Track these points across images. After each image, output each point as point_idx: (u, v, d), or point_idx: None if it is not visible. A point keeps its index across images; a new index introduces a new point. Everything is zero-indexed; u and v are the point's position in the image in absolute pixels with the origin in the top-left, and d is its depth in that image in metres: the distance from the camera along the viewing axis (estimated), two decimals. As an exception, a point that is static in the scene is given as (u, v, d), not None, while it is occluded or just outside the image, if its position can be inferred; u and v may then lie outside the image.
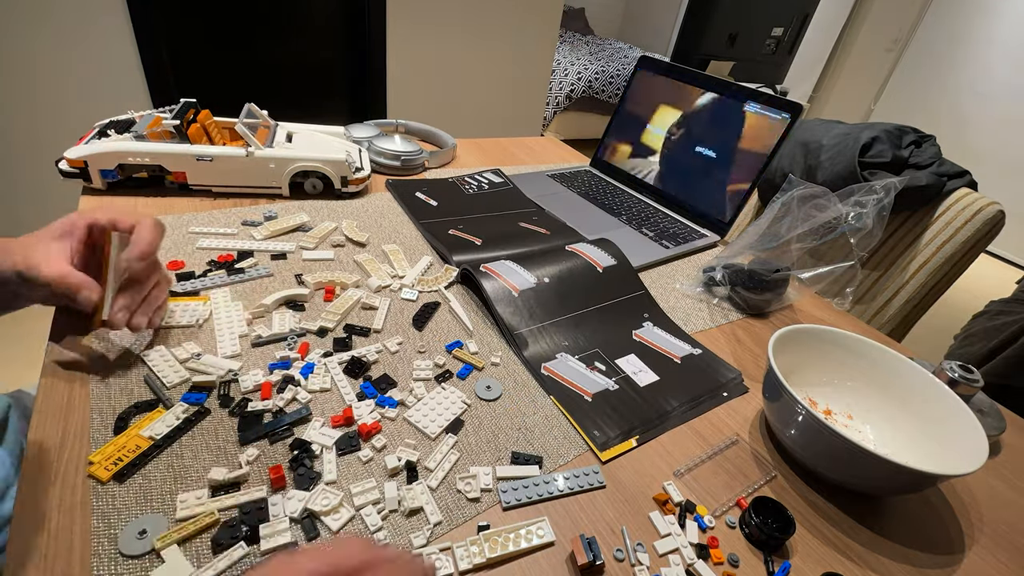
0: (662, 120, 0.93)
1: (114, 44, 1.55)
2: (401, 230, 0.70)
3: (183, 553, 0.32)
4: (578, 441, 0.44)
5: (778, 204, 0.66)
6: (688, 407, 0.50)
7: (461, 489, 0.38)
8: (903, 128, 0.95)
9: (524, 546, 0.35)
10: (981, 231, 0.86)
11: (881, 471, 0.39)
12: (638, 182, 0.96)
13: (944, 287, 0.91)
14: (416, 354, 0.50)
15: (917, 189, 0.87)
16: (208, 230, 0.62)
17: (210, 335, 0.47)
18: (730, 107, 0.84)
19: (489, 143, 1.09)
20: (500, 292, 0.56)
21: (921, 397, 0.48)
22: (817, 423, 0.41)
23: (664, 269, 0.74)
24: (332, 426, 0.41)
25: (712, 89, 0.87)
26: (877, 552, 0.40)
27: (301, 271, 0.58)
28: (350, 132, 0.87)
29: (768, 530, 0.38)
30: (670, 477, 0.43)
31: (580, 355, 0.54)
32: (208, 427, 0.40)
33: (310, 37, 1.95)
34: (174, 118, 0.65)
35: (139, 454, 0.36)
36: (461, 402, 0.46)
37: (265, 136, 0.71)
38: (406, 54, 2.00)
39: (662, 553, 0.37)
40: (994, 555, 0.41)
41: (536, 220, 0.77)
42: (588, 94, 3.20)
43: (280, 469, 0.36)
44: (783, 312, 0.69)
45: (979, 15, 3.23)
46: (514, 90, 2.32)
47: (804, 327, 0.51)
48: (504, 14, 2.11)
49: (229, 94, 1.84)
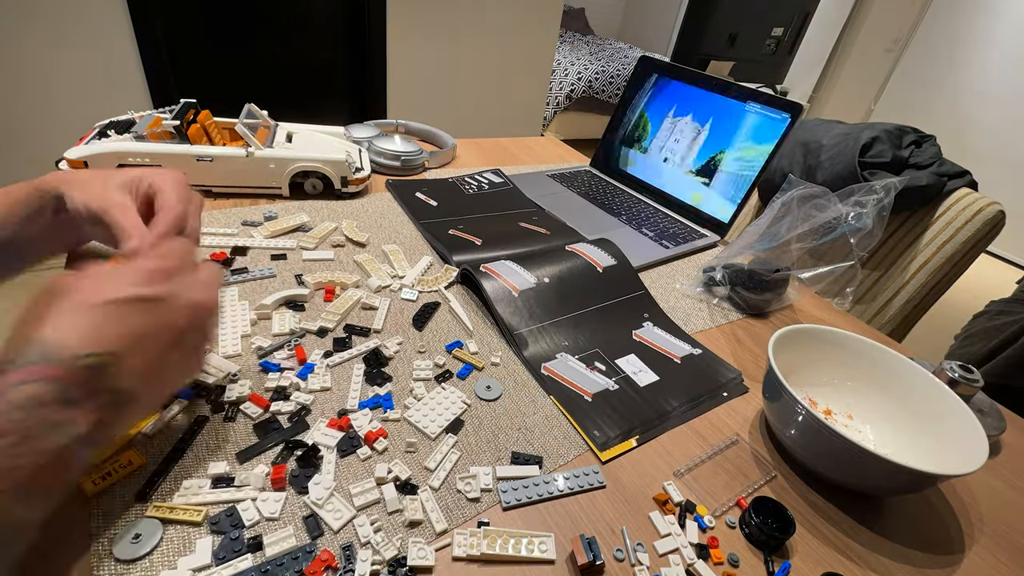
0: (662, 120, 0.93)
1: (114, 44, 1.56)
2: (401, 230, 0.70)
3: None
4: (578, 441, 0.44)
5: (778, 204, 0.66)
6: (688, 407, 0.50)
7: (461, 489, 0.38)
8: (903, 128, 0.95)
9: (523, 554, 0.35)
10: (981, 231, 0.86)
11: (881, 471, 0.39)
12: (638, 182, 0.96)
13: (944, 287, 0.91)
14: (416, 354, 0.50)
15: (917, 189, 0.87)
16: (208, 230, 0.62)
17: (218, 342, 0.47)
18: (730, 107, 0.84)
19: (489, 143, 1.09)
20: (500, 292, 0.56)
21: (921, 397, 0.48)
22: (817, 423, 0.41)
23: (664, 269, 0.74)
24: (328, 427, 0.41)
25: (712, 89, 0.87)
26: (877, 552, 0.40)
27: (301, 271, 0.58)
28: (350, 132, 0.87)
29: (768, 530, 0.38)
30: (670, 477, 0.43)
31: (580, 355, 0.54)
32: (207, 439, 0.39)
33: (310, 37, 1.95)
34: (174, 118, 0.65)
35: (132, 470, 0.35)
36: (461, 402, 0.46)
37: (265, 136, 0.71)
38: (406, 54, 2.00)
39: (662, 553, 0.37)
40: (994, 555, 0.41)
41: (536, 220, 0.77)
42: (588, 94, 3.20)
43: (282, 470, 0.36)
44: (783, 312, 0.69)
45: (979, 15, 3.23)
46: (514, 90, 2.33)
47: (804, 327, 0.51)
48: (504, 14, 2.11)
49: (229, 94, 1.84)
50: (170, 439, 0.38)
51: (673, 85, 0.92)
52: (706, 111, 0.87)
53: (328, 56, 2.01)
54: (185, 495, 0.35)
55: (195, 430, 0.39)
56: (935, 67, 3.48)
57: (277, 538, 0.33)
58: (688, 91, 0.90)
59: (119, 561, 0.30)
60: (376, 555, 0.33)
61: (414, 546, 0.34)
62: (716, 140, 0.86)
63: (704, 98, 0.88)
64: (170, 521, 0.33)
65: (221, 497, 0.35)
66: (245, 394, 0.42)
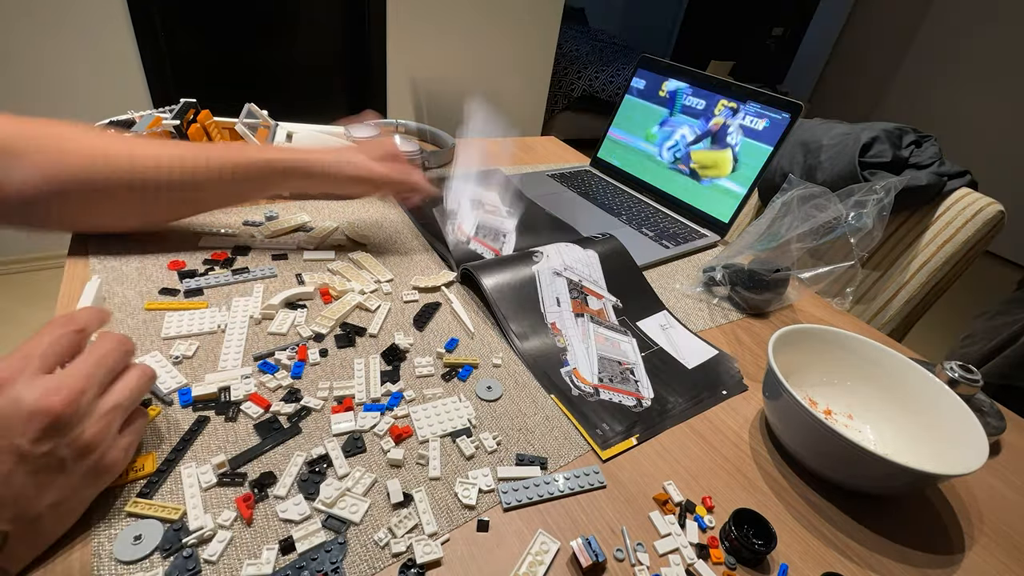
0: (662, 120, 0.94)
1: (114, 44, 1.56)
2: (401, 230, 0.70)
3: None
4: (579, 442, 0.44)
5: (778, 204, 0.66)
6: (689, 404, 0.50)
7: (459, 492, 0.38)
8: (903, 128, 0.95)
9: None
10: (981, 231, 0.86)
11: (881, 471, 0.39)
12: (638, 182, 0.96)
13: (944, 287, 0.91)
14: (417, 354, 0.50)
15: (917, 189, 0.87)
16: (209, 230, 0.62)
17: (216, 342, 0.48)
18: (730, 107, 0.84)
19: (489, 143, 1.08)
20: (502, 291, 0.56)
21: (921, 397, 0.48)
22: (817, 423, 0.41)
23: (664, 269, 0.74)
24: (332, 412, 0.42)
25: (712, 89, 0.87)
26: (877, 552, 0.40)
27: (301, 271, 0.58)
28: (349, 132, 0.87)
29: (747, 543, 0.37)
30: (670, 477, 0.43)
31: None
32: (208, 439, 0.40)
33: (310, 37, 1.95)
34: (174, 118, 0.65)
35: (145, 474, 0.35)
36: (467, 419, 0.44)
37: (265, 136, 0.71)
38: (406, 54, 2.00)
39: (662, 553, 0.37)
40: (994, 555, 0.41)
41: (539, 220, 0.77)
42: (588, 94, 3.20)
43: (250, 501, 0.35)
44: (783, 312, 0.69)
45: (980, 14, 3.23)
46: (514, 90, 2.33)
47: (804, 327, 0.51)
48: (504, 14, 2.11)
49: (229, 94, 1.85)
50: (171, 439, 0.38)
51: (673, 85, 0.93)
52: (706, 111, 0.87)
53: (328, 56, 2.01)
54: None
55: (196, 430, 0.39)
56: (935, 67, 3.48)
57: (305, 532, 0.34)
58: (688, 91, 0.90)
59: (120, 562, 0.31)
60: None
61: (418, 544, 0.34)
62: (716, 140, 0.86)
63: (704, 98, 0.88)
64: (145, 517, 0.33)
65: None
66: (248, 392, 0.42)
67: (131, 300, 0.50)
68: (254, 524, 0.34)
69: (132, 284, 0.52)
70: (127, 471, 0.35)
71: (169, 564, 0.31)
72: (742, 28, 3.79)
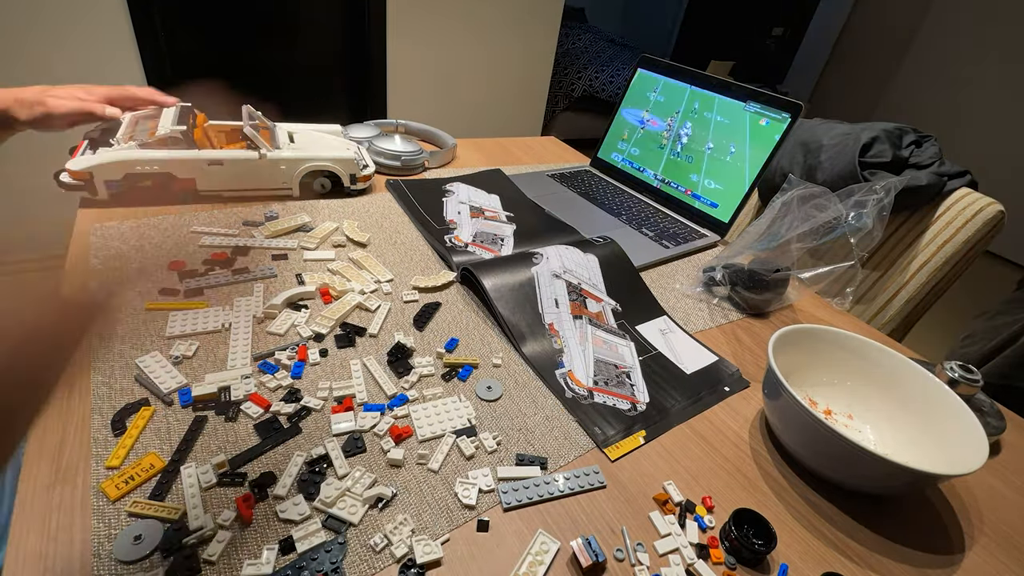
0: (662, 120, 0.93)
1: (114, 44, 1.55)
2: (402, 230, 0.70)
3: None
4: (579, 442, 0.44)
5: (778, 204, 0.66)
6: (689, 403, 0.50)
7: (459, 492, 0.38)
8: (903, 128, 0.95)
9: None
10: (981, 231, 0.86)
11: (881, 471, 0.39)
12: (638, 182, 0.96)
13: (944, 287, 0.91)
14: (417, 354, 0.50)
15: (917, 189, 0.87)
16: (210, 230, 0.62)
17: (217, 342, 0.47)
18: (730, 107, 0.84)
19: (489, 143, 1.09)
20: (501, 291, 0.56)
21: (921, 397, 0.48)
22: (817, 423, 0.41)
23: (664, 269, 0.74)
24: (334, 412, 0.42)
25: (712, 89, 0.87)
26: (877, 552, 0.40)
27: (301, 271, 0.58)
28: (348, 132, 0.87)
29: (746, 542, 0.37)
30: (670, 477, 0.43)
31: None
32: (208, 439, 0.39)
33: (310, 37, 1.94)
34: (178, 123, 0.64)
35: (153, 473, 0.35)
36: (467, 419, 0.44)
37: (266, 137, 0.71)
38: (406, 54, 2.00)
39: (662, 553, 0.37)
40: (994, 555, 0.41)
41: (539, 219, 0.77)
42: (588, 94, 3.19)
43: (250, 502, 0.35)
44: (783, 312, 0.69)
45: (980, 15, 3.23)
46: (514, 90, 2.32)
47: (804, 327, 0.51)
48: (504, 14, 2.11)
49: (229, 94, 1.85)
50: (171, 440, 0.38)
51: (673, 85, 0.93)
52: (706, 111, 0.87)
53: (328, 56, 2.00)
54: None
55: (196, 430, 0.39)
56: (935, 67, 3.48)
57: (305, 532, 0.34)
58: (688, 91, 0.90)
59: (120, 562, 0.31)
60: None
61: (419, 544, 0.34)
62: (716, 140, 0.86)
63: (704, 98, 0.88)
64: (145, 517, 0.33)
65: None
66: (248, 392, 0.42)
67: (131, 300, 0.50)
68: (254, 524, 0.34)
69: (132, 284, 0.52)
70: (136, 475, 0.35)
71: (169, 564, 0.31)
72: (742, 28, 3.78)
